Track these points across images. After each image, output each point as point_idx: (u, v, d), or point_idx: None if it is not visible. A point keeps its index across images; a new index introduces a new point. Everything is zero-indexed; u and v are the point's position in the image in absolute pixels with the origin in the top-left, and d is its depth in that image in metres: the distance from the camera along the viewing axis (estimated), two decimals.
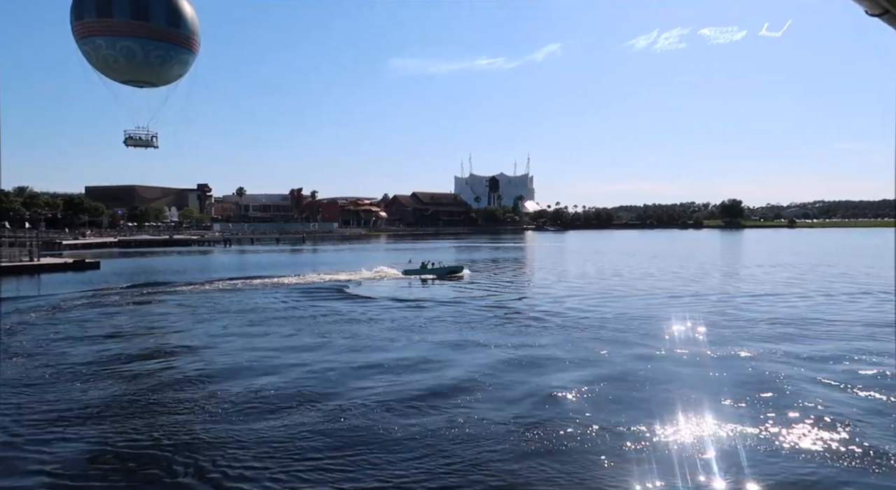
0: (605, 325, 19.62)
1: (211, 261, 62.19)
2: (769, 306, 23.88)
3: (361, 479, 8.10)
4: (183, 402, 11.60)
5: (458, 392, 12.00)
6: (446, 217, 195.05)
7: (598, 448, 9.04)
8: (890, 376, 12.88)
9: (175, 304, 26.11)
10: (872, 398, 11.30)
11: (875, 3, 2.23)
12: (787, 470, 8.29)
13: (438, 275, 36.52)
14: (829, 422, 9.97)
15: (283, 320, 21.33)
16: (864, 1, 2.22)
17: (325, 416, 10.53)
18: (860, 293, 27.83)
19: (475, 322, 20.52)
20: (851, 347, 15.80)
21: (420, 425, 10.05)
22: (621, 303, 25.15)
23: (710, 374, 13.24)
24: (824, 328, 18.80)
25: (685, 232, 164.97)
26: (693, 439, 9.36)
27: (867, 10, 2.30)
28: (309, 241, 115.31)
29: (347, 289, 31.11)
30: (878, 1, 2.22)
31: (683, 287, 31.18)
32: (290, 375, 13.47)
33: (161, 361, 15.09)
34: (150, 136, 36.59)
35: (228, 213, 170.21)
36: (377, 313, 22.78)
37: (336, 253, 75.26)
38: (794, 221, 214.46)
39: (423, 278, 35.75)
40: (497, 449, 9.04)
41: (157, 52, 33.71)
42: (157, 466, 8.61)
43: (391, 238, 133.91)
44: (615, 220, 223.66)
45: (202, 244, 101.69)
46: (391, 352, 15.98)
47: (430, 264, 38.29)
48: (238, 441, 9.44)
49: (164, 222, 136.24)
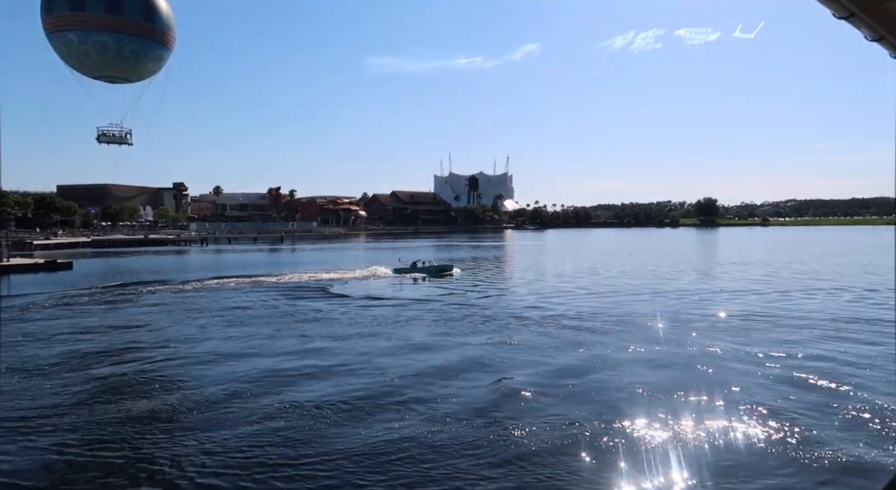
0: (582, 323, 19.82)
1: (188, 260, 61.32)
2: (741, 303, 24.36)
3: (335, 485, 7.98)
4: (154, 405, 11.36)
5: (436, 391, 12.03)
6: (426, 216, 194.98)
7: (559, 444, 9.17)
8: (855, 374, 13.23)
9: (151, 305, 25.71)
10: (828, 391, 11.61)
11: (842, 6, 2.29)
12: (749, 465, 8.48)
13: (429, 274, 36.63)
14: (790, 417, 10.22)
15: (262, 321, 21.12)
16: (832, 4, 2.29)
17: (298, 419, 10.39)
18: (834, 289, 28.52)
19: (455, 320, 20.57)
20: (817, 342, 16.22)
21: (395, 428, 10.02)
22: (599, 301, 25.43)
23: (679, 371, 13.46)
24: (794, 323, 19.25)
25: (662, 230, 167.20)
26: (659, 435, 9.51)
27: (835, 13, 2.37)
28: (287, 241, 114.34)
29: (332, 288, 30.99)
30: (845, 4, 2.29)
31: (659, 285, 31.62)
32: (267, 377, 13.35)
33: (133, 364, 14.81)
34: (123, 133, 35.98)
35: (205, 212, 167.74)
36: (358, 313, 22.70)
37: (316, 252, 74.74)
38: (768, 220, 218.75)
39: (414, 277, 35.82)
40: (470, 451, 9.01)
41: (131, 46, 33.13)
42: (123, 471, 8.38)
43: (371, 237, 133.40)
44: (593, 219, 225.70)
45: (178, 244, 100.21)
46: (371, 352, 15.94)
47: (421, 263, 38.45)
48: (208, 445, 9.24)
49: (139, 222, 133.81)
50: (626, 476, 8.10)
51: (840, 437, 9.23)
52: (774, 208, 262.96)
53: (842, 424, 9.81)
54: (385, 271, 38.51)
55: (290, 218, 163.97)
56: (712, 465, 8.35)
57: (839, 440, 9.10)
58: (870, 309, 22.33)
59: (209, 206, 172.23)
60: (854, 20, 2.47)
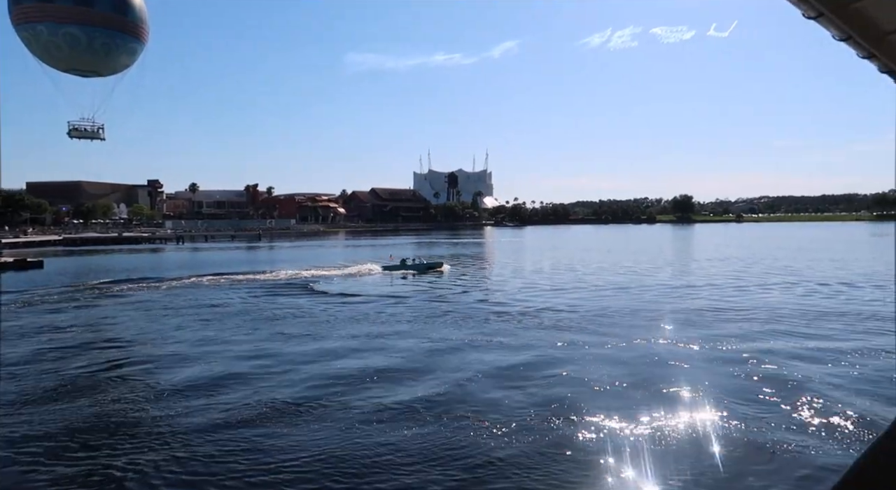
0: (563, 318, 20.00)
1: (164, 259, 60.37)
2: (717, 298, 24.80)
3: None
4: (121, 407, 11.11)
5: (417, 390, 12.04)
6: (405, 213, 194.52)
7: (522, 440, 9.25)
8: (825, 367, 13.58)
9: (124, 304, 25.28)
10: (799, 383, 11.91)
11: (811, 6, 2.35)
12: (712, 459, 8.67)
13: (418, 270, 37.00)
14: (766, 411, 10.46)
15: (239, 319, 20.90)
16: (802, 4, 2.34)
17: (269, 421, 10.20)
18: (805, 282, 29.19)
19: (435, 316, 20.60)
20: (789, 334, 16.60)
21: (371, 428, 10.03)
22: (576, 296, 25.68)
23: (650, 365, 13.68)
24: (766, 316, 19.68)
25: (639, 227, 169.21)
26: (643, 431, 9.66)
27: (804, 13, 2.43)
28: (265, 238, 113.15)
29: (317, 284, 30.92)
30: (814, 4, 2.35)
31: (636, 279, 32.03)
32: (247, 377, 13.23)
33: (102, 365, 14.51)
34: (95, 128, 35.22)
35: (181, 209, 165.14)
36: (339, 310, 22.60)
37: (295, 250, 74.14)
38: (742, 216, 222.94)
39: (404, 274, 36.23)
40: (455, 447, 9.10)
41: (103, 39, 32.36)
42: (81, 478, 8.11)
43: (350, 234, 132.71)
44: (572, 216, 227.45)
45: (153, 242, 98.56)
46: (354, 350, 15.89)
47: (411, 260, 39.05)
48: (185, 446, 9.07)
49: (113, 219, 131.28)
50: (579, 472, 8.19)
51: (787, 434, 9.33)
52: (748, 205, 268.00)
53: (791, 421, 9.99)
54: (375, 268, 38.86)
55: (267, 215, 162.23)
56: (656, 455, 8.51)
57: (785, 435, 9.25)
58: (844, 303, 22.92)
59: (185, 203, 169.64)
60: (823, 20, 2.53)
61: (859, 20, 2.70)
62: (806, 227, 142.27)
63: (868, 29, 2.85)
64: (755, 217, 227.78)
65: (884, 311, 20.43)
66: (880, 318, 19.19)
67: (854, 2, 2.52)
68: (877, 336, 16.40)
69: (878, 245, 66.45)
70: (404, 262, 38.40)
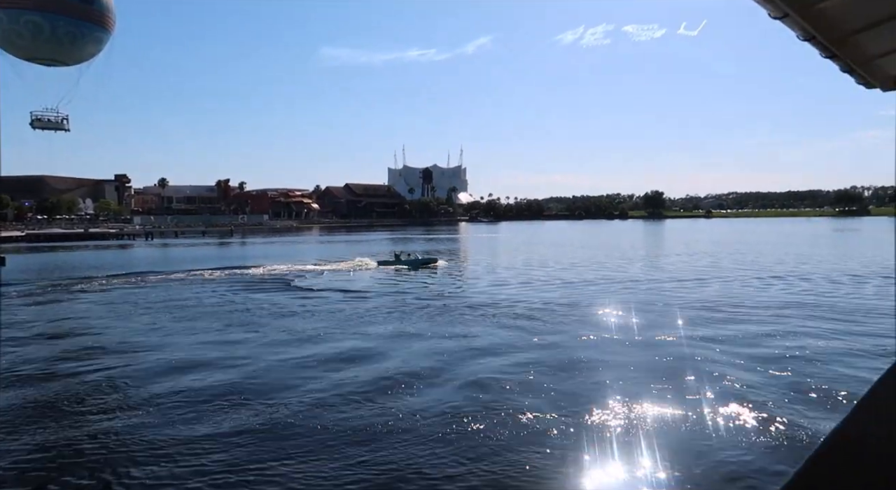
0: (536, 313, 20.17)
1: (133, 255, 59.07)
2: (686, 291, 25.31)
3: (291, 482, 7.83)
4: (98, 406, 10.88)
5: (392, 383, 12.05)
6: (380, 209, 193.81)
7: (515, 432, 9.36)
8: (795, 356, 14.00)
9: (92, 302, 24.69)
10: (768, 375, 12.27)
11: (776, 6, 2.43)
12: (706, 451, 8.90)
13: (413, 265, 37.17)
14: (741, 402, 10.75)
15: (214, 316, 20.60)
16: (768, 4, 2.42)
17: (255, 416, 10.14)
18: (770, 277, 29.97)
19: (415, 311, 20.61)
20: (760, 327, 17.06)
21: (356, 422, 10.00)
22: (556, 292, 25.93)
23: (624, 357, 13.92)
24: (736, 310, 20.16)
25: (612, 222, 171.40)
26: (621, 422, 9.85)
27: (770, 13, 2.51)
28: (237, 234, 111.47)
29: (295, 281, 30.59)
30: (779, 5, 2.43)
31: (609, 274, 32.49)
32: (221, 373, 13.06)
33: (75, 363, 14.13)
34: (60, 119, 34.21)
35: (150, 205, 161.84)
36: (317, 304, 22.42)
37: (270, 246, 73.25)
38: (711, 212, 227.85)
39: (398, 269, 36.52)
40: (434, 444, 9.13)
41: (67, 28, 31.35)
42: (70, 477, 7.95)
43: (324, 230, 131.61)
44: (546, 211, 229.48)
45: (122, 238, 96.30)
46: (333, 343, 15.81)
47: (406, 255, 39.55)
48: (159, 447, 8.90)
49: (79, 215, 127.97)
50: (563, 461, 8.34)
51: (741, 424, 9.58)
52: (717, 201, 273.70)
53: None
54: (370, 262, 39.35)
55: (239, 211, 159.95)
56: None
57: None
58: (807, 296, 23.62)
59: (154, 198, 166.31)
60: (788, 20, 2.62)
61: (823, 21, 2.80)
62: (772, 222, 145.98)
63: (831, 30, 2.96)
64: (724, 213, 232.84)
65: (826, 303, 21.15)
66: (839, 310, 19.86)
67: (818, 3, 2.61)
68: (826, 322, 17.05)
69: (839, 240, 68.58)
70: (398, 257, 38.66)
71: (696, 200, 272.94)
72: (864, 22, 2.97)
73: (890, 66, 3.95)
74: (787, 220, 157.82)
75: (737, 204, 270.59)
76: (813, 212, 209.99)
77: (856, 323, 17.57)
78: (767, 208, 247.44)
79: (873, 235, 75.89)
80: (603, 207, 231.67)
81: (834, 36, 2.99)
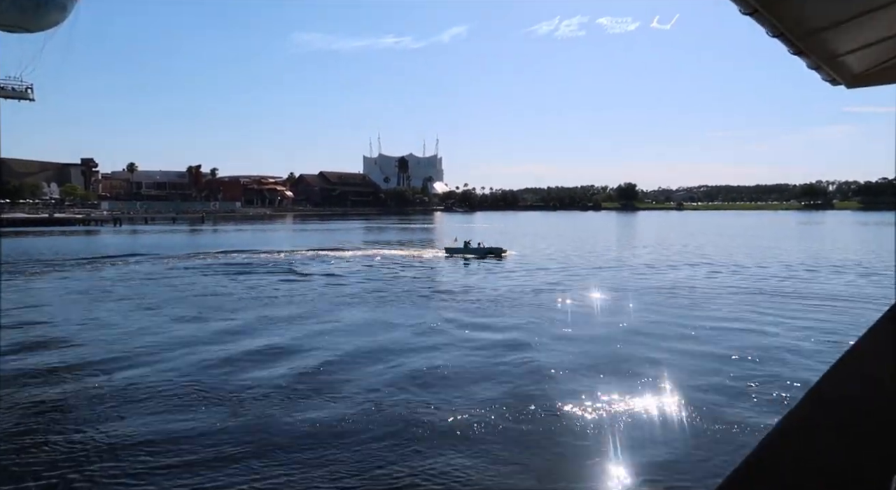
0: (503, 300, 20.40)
1: (100, 241, 57.67)
2: (657, 280, 25.84)
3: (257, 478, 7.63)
4: (56, 398, 10.59)
5: (355, 372, 12.10)
6: (355, 197, 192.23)
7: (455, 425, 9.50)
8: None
9: (54, 289, 24.12)
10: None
11: (746, 2, 2.52)
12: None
13: (478, 255, 37.62)
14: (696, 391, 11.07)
15: (184, 305, 20.33)
16: (738, 0, 2.51)
17: (221, 409, 9.96)
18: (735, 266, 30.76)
19: (392, 300, 20.65)
20: (722, 316, 17.55)
21: (320, 417, 9.99)
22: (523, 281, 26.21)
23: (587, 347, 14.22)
24: (701, 296, 20.70)
25: (585, 213, 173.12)
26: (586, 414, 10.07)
27: (741, 9, 2.59)
28: (209, 221, 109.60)
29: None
30: (749, 1, 2.51)
31: (586, 262, 32.98)
32: (182, 363, 12.95)
33: (31, 354, 13.79)
34: (24, 88, 32.78)
35: (118, 190, 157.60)
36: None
37: (239, 233, 72.24)
38: (682, 204, 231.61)
39: (466, 257, 37.28)
40: (397, 436, 9.09)
41: None
42: (31, 471, 7.71)
43: (298, 218, 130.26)
44: (521, 202, 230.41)
45: (88, 224, 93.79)
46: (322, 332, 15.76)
47: (477, 244, 39.69)
48: (118, 440, 8.60)
49: (43, 200, 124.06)
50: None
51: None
52: (688, 194, 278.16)
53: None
54: (440, 253, 40.33)
55: (211, 198, 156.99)
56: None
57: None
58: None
59: (122, 183, 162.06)
60: (757, 16, 2.71)
61: (790, 18, 2.91)
62: (741, 215, 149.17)
63: (798, 27, 3.07)
64: (695, 205, 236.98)
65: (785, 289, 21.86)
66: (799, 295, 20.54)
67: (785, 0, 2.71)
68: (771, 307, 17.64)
69: (804, 232, 70.52)
70: (467, 245, 39.39)
71: (668, 193, 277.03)
72: (830, 20, 3.09)
73: (854, 63, 4.10)
74: (755, 213, 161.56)
75: (707, 197, 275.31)
76: (780, 205, 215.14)
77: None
78: (737, 201, 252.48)
79: (833, 228, 78.49)
80: (577, 199, 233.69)
81: (801, 33, 3.10)
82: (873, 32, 3.34)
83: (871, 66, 4.20)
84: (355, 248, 44.74)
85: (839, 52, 3.68)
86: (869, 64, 4.13)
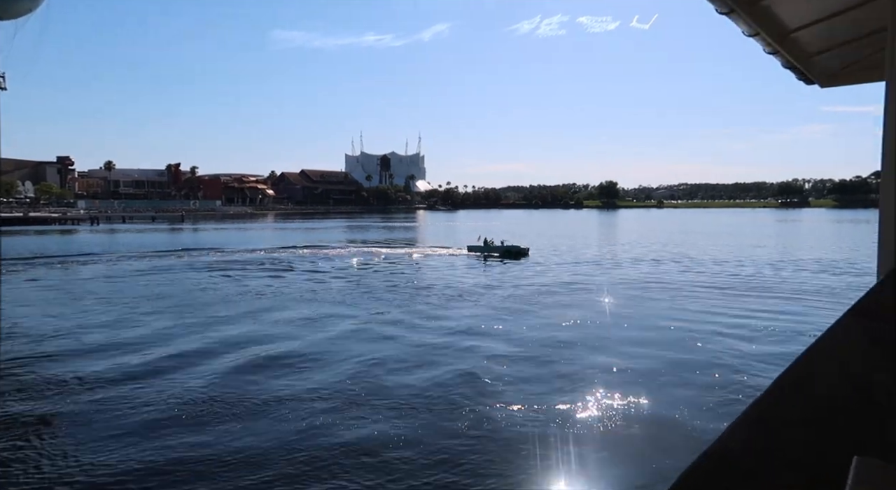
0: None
1: (77, 241, 56.63)
2: (637, 274, 26.16)
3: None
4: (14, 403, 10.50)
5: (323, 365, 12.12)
6: (337, 196, 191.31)
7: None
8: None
9: (27, 290, 23.69)
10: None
11: (723, 2, 2.60)
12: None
13: (499, 253, 37.62)
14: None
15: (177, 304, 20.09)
16: (715, 0, 2.59)
17: (189, 414, 9.84)
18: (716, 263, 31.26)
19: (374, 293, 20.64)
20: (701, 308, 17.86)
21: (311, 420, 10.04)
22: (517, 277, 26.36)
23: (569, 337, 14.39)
24: (678, 289, 21.03)
25: (567, 212, 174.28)
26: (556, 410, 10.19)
27: (717, 9, 2.68)
28: (189, 220, 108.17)
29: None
30: (726, 1, 2.60)
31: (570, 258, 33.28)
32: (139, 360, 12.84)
33: None
34: None
35: (95, 189, 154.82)
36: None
37: (219, 232, 71.45)
38: (662, 202, 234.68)
39: (486, 255, 37.17)
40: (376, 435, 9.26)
41: None
42: None
43: (280, 217, 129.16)
44: (503, 200, 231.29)
45: (65, 223, 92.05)
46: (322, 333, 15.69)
47: (500, 242, 39.07)
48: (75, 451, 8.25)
49: (17, 198, 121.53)
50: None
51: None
52: (669, 192, 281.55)
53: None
54: (461, 251, 40.14)
55: (191, 196, 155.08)
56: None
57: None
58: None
59: (100, 182, 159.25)
60: (734, 16, 2.80)
61: (766, 18, 3.00)
62: (720, 212, 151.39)
63: (773, 27, 3.17)
64: (675, 203, 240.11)
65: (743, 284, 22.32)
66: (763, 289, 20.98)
67: (761, 0, 2.80)
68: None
69: (780, 230, 71.76)
70: (487, 243, 39.01)
71: (648, 191, 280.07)
72: (804, 20, 3.19)
73: (827, 63, 4.22)
74: (733, 211, 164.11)
75: (687, 195, 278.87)
76: (757, 203, 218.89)
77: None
78: (716, 199, 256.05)
79: (809, 226, 79.99)
80: (559, 197, 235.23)
81: (775, 33, 3.20)
82: (845, 33, 3.46)
83: (843, 66, 4.33)
84: (360, 245, 45.65)
85: (812, 51, 3.80)
86: (841, 64, 4.26)
